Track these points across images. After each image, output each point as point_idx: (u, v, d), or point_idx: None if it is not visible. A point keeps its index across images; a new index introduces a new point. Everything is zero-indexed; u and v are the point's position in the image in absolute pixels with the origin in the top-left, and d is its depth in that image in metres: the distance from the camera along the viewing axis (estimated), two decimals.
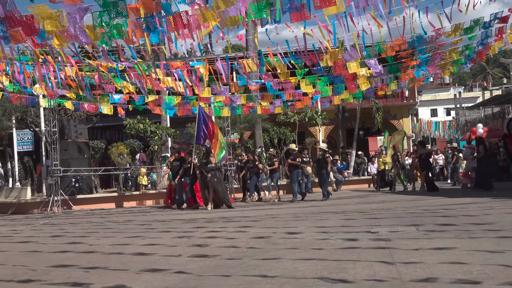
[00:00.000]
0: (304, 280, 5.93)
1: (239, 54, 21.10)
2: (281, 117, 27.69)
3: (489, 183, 19.65)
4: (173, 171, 19.56)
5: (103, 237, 11.32)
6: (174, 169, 19.36)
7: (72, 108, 20.26)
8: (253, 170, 20.76)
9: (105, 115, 23.05)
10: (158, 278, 6.50)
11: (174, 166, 19.45)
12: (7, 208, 20.24)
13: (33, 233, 13.06)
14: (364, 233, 9.52)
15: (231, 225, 12.26)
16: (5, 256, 9.26)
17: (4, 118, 23.23)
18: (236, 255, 7.80)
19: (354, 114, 33.51)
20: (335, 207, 15.73)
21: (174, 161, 19.59)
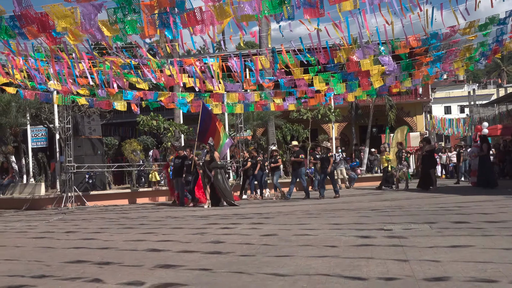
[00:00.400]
0: (317, 277, 5.92)
1: (252, 51, 21.07)
2: (294, 114, 27.64)
3: (493, 181, 19.57)
4: (174, 168, 19.42)
5: (116, 233, 11.36)
6: (176, 166, 19.20)
7: (87, 103, 20.30)
8: (255, 167, 20.67)
9: (119, 111, 23.12)
10: (171, 275, 6.52)
11: (176, 163, 19.30)
12: (21, 204, 20.37)
13: (48, 228, 13.13)
14: (377, 230, 9.50)
15: (244, 221, 12.27)
16: (20, 251, 9.32)
17: (18, 114, 23.34)
18: (249, 252, 7.81)
19: (367, 111, 33.40)
20: (348, 204, 15.69)
21: (176, 159, 19.39)
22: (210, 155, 18.01)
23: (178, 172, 18.99)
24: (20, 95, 19.92)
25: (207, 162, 18.01)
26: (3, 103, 22.53)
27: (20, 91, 17.94)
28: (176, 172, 19.14)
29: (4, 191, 22.51)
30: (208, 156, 18.23)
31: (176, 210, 16.86)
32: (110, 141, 29.15)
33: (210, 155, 18.04)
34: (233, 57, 16.64)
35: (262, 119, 27.99)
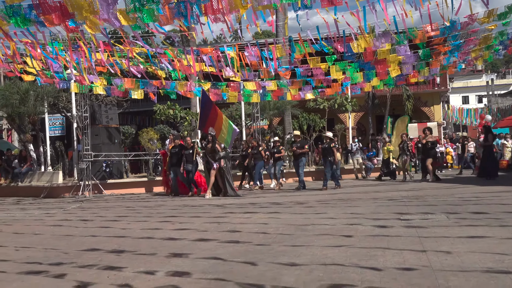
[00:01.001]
0: (333, 266, 5.92)
1: (269, 40, 21.02)
2: (311, 104, 27.57)
3: (495, 172, 19.46)
4: (171, 158, 19.00)
5: (133, 221, 11.42)
6: (173, 156, 18.85)
7: (104, 92, 20.38)
8: (257, 157, 20.43)
9: (136, 100, 23.23)
10: (187, 263, 6.54)
11: (172, 153, 18.91)
12: (39, 192, 20.55)
13: (65, 216, 13.23)
14: (394, 220, 9.47)
15: (261, 211, 12.28)
16: (38, 239, 9.40)
17: (37, 103, 23.50)
18: (265, 241, 7.81)
19: (384, 101, 33.26)
20: (364, 194, 15.65)
21: (173, 148, 18.98)
22: (212, 145, 17.68)
23: (175, 161, 18.70)
24: (38, 84, 20.04)
25: (208, 151, 17.73)
26: (22, 92, 22.71)
27: (38, 78, 18.03)
28: (173, 161, 18.79)
29: (22, 179, 22.70)
30: (210, 146, 17.85)
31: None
32: (127, 130, 29.28)
33: (211, 145, 17.69)
34: (250, 46, 16.61)
35: (278, 109, 27.97)
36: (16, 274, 6.36)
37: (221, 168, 17.39)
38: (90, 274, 6.15)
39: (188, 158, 18.47)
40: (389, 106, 32.86)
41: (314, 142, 28.52)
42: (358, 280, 5.24)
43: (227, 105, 29.64)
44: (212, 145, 17.69)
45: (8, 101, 23.05)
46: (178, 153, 18.64)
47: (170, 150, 19.07)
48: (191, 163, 18.48)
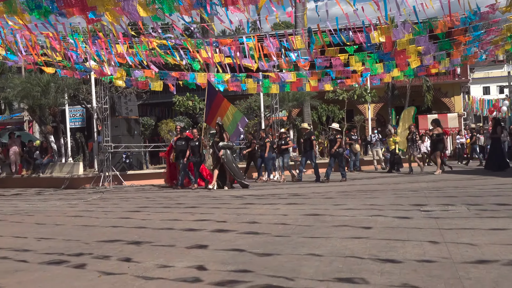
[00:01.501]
0: (353, 258, 5.91)
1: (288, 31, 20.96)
2: (330, 95, 27.50)
3: (504, 164, 19.29)
4: (177, 150, 18.84)
5: (153, 212, 11.48)
6: (179, 148, 18.67)
7: (123, 85, 20.47)
8: (263, 148, 20.26)
9: (155, 92, 23.29)
10: (207, 254, 6.56)
11: (178, 145, 18.74)
12: (60, 183, 20.75)
13: (86, 207, 13.34)
14: (413, 211, 9.43)
15: (280, 202, 12.29)
16: (59, 229, 9.49)
17: (57, 95, 23.67)
18: (284, 232, 7.82)
19: (403, 92, 33.09)
20: (384, 186, 15.60)
21: (179, 140, 18.81)
22: (219, 135, 17.52)
23: (181, 154, 18.57)
24: (58, 76, 20.18)
25: (216, 142, 17.54)
26: (43, 84, 22.89)
27: (59, 70, 18.16)
28: (179, 154, 18.67)
29: (43, 170, 22.93)
30: (217, 136, 17.75)
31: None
32: (146, 121, 29.43)
33: (219, 135, 17.55)
34: (269, 37, 16.57)
35: (297, 100, 27.91)
36: (38, 264, 6.43)
37: (227, 158, 17.22)
38: (111, 264, 6.19)
39: (195, 150, 18.29)
40: (408, 97, 32.67)
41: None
42: (378, 272, 5.23)
43: (246, 96, 29.64)
44: (219, 135, 17.56)
45: (29, 93, 23.26)
46: (185, 145, 18.47)
47: (176, 143, 18.94)
48: (197, 155, 18.32)
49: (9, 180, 24.22)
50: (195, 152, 18.26)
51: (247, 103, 28.97)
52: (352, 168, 24.08)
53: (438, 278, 4.91)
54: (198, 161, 18.43)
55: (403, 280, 4.89)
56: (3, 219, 11.49)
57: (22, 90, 23.68)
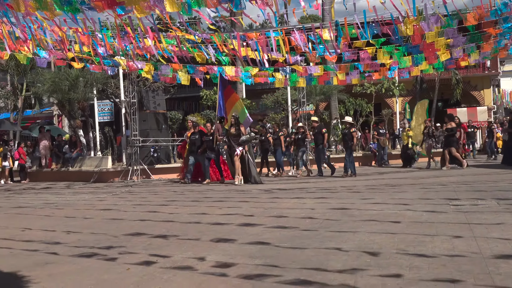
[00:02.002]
0: (381, 253, 5.88)
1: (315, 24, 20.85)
2: (357, 88, 27.35)
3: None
4: (190, 144, 18.51)
5: (181, 206, 11.55)
6: (192, 142, 18.36)
7: (151, 78, 20.54)
8: (277, 143, 20.00)
9: (183, 86, 23.36)
10: (234, 248, 6.58)
11: (192, 140, 18.40)
12: (89, 177, 20.96)
13: (115, 201, 13.46)
14: (442, 206, 9.34)
15: (307, 196, 12.27)
16: (88, 222, 9.59)
17: (86, 89, 23.89)
18: (312, 226, 7.81)
19: (432, 85, 32.76)
20: (412, 180, 15.48)
21: (192, 135, 18.48)
22: (236, 129, 17.17)
23: (194, 148, 18.29)
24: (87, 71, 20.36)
25: (231, 135, 17.19)
26: (72, 79, 23.10)
27: (88, 65, 18.33)
28: (192, 148, 18.38)
29: (72, 164, 23.19)
30: (233, 130, 17.29)
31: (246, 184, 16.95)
32: (174, 116, 29.59)
33: (236, 129, 17.18)
34: (296, 31, 16.50)
35: (324, 94, 27.80)
36: (68, 257, 6.51)
37: (249, 152, 17.02)
38: (139, 257, 6.24)
39: (208, 144, 18.05)
40: (437, 90, 32.35)
41: (361, 127, 28.33)
42: (406, 266, 5.20)
43: (273, 90, 29.62)
44: (236, 128, 17.19)
45: (59, 87, 23.50)
46: (199, 139, 18.19)
47: (190, 137, 18.66)
48: (211, 150, 18.10)
49: (39, 174, 24.55)
50: (210, 147, 18.05)
51: (274, 97, 28.94)
52: (380, 162, 23.94)
53: (468, 273, 4.86)
54: (212, 156, 18.15)
55: (432, 275, 4.85)
56: (33, 212, 11.64)
57: (51, 85, 23.93)
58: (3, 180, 24.20)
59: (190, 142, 18.48)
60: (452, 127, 19.93)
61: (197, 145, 18.17)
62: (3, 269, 6.01)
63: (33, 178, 24.30)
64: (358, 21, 15.62)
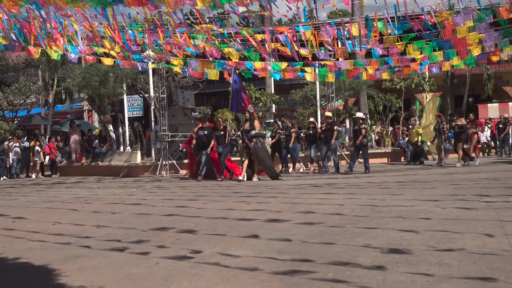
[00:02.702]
0: (410, 249, 5.83)
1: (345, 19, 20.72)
2: (387, 84, 27.14)
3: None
4: (198, 140, 17.96)
5: (209, 201, 11.57)
6: (200, 139, 17.76)
7: (180, 72, 20.59)
8: (288, 139, 19.70)
9: (211, 81, 23.41)
10: (263, 243, 6.58)
11: (200, 135, 17.80)
12: (118, 171, 21.12)
13: (144, 195, 13.55)
14: (473, 202, 9.23)
15: (336, 191, 12.22)
16: (118, 217, 9.67)
17: (116, 84, 24.09)
18: (340, 222, 7.77)
19: (463, 81, 32.39)
20: (442, 176, 15.32)
21: (200, 130, 17.88)
22: (250, 123, 16.79)
23: (203, 144, 17.71)
24: (117, 66, 20.51)
25: (246, 131, 16.80)
26: (101, 74, 23.32)
27: (118, 61, 18.47)
28: (201, 144, 17.81)
29: (102, 158, 23.43)
30: (247, 125, 16.93)
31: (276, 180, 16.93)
32: (202, 111, 29.69)
33: (250, 123, 16.81)
34: (326, 25, 16.42)
35: (354, 89, 27.65)
36: (98, 251, 6.56)
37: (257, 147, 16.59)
38: (168, 252, 6.27)
39: (220, 140, 17.54)
40: (468, 85, 31.97)
41: (390, 123, 28.13)
42: (436, 263, 5.14)
43: (302, 85, 29.55)
44: (250, 123, 16.85)
45: (89, 83, 23.74)
46: (208, 135, 17.66)
47: (197, 133, 18.08)
48: (222, 145, 17.56)
49: (69, 168, 24.82)
50: (221, 142, 17.55)
51: (303, 92, 28.87)
52: (409, 158, 23.73)
53: (499, 271, 4.79)
54: (224, 151, 17.66)
55: (462, 273, 4.79)
56: (64, 206, 11.77)
57: (81, 80, 24.19)
58: (34, 174, 24.55)
59: (198, 138, 17.94)
60: (462, 124, 19.74)
61: (203, 141, 17.64)
62: (35, 262, 6.09)
63: (63, 173, 24.59)
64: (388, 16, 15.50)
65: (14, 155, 24.64)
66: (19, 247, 7.00)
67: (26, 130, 35.03)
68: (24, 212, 11.05)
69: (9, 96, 32.52)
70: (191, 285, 4.84)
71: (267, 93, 26.06)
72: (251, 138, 16.51)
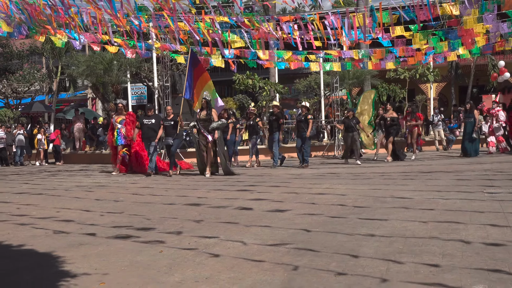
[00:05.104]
0: (413, 239, 5.83)
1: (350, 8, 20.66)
2: (391, 74, 27.06)
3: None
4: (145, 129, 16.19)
5: (212, 190, 11.57)
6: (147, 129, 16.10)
7: (184, 61, 20.56)
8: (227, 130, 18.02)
9: (215, 70, 23.39)
10: (266, 232, 6.59)
11: (146, 125, 16.10)
12: None
13: (147, 184, 13.57)
14: (476, 193, 9.22)
15: (339, 182, 12.21)
16: (121, 205, 9.68)
17: (120, 72, 24.08)
18: (343, 212, 7.78)
19: (467, 71, 32.28)
20: (445, 167, 15.30)
21: (146, 118, 16.26)
22: (207, 112, 15.32)
23: (149, 135, 15.99)
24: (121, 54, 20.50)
25: (202, 120, 15.30)
26: (106, 62, 23.31)
27: (122, 49, 18.46)
28: (147, 135, 16.07)
29: (106, 147, 23.42)
30: (204, 113, 15.43)
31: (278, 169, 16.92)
32: None
33: (207, 112, 15.34)
34: (331, 14, 16.37)
35: (358, 79, 27.57)
36: (102, 238, 6.59)
37: (220, 140, 15.40)
38: (172, 240, 6.29)
39: (169, 130, 15.85)
40: (473, 76, 31.87)
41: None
42: (440, 254, 5.15)
43: (306, 74, 29.49)
44: (206, 112, 15.40)
45: (93, 70, 23.74)
46: (155, 124, 16.06)
47: (142, 122, 16.30)
48: (172, 136, 15.87)
49: (73, 156, 24.87)
50: (170, 133, 15.87)
51: (306, 82, 28.82)
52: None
53: (502, 262, 4.80)
54: (175, 143, 16.01)
55: (465, 263, 4.80)
56: (68, 194, 11.80)
57: (86, 68, 24.20)
58: (38, 162, 24.60)
59: (144, 127, 16.15)
60: (394, 117, 19.07)
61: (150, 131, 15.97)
62: (39, 249, 6.12)
63: (67, 160, 24.64)
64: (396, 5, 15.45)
65: (18, 143, 24.71)
66: (24, 234, 7.03)
67: (30, 118, 35.10)
68: (28, 199, 11.09)
69: (13, 84, 32.55)
70: (194, 273, 4.86)
71: (271, 83, 25.99)
72: (213, 130, 15.09)
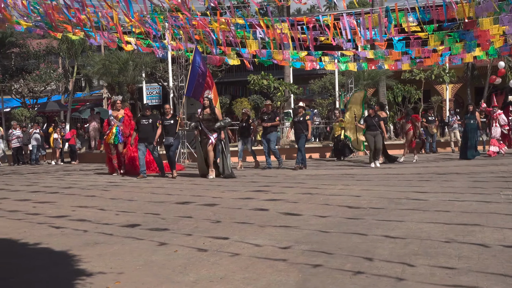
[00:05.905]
0: (429, 241, 5.80)
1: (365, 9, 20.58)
2: (406, 75, 26.95)
3: None
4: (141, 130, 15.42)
5: (227, 190, 11.59)
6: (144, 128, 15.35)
7: None
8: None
9: (230, 70, 23.40)
10: (281, 232, 6.59)
11: (143, 124, 15.37)
12: None
13: (162, 183, 13.61)
14: (493, 195, 9.16)
15: (354, 183, 12.18)
16: (136, 204, 9.72)
17: (135, 72, 24.18)
18: (358, 214, 7.75)
19: (484, 72, 32.04)
20: (461, 168, 15.20)
21: (143, 118, 15.45)
22: (211, 112, 14.77)
23: (146, 134, 15.27)
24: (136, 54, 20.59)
25: (205, 120, 14.79)
26: (121, 62, 23.40)
27: (139, 48, 18.52)
28: (144, 135, 15.32)
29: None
30: (206, 112, 14.88)
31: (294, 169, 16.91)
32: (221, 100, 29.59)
33: (210, 112, 14.77)
34: (345, 15, 16.33)
35: (373, 79, 27.47)
36: (117, 237, 6.62)
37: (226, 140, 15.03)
38: (187, 240, 6.30)
39: (169, 129, 15.16)
40: (489, 77, 31.65)
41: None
42: (455, 256, 5.13)
43: (321, 75, 29.43)
44: (210, 111, 14.85)
45: (108, 70, 23.84)
46: (152, 124, 15.33)
47: (139, 121, 15.61)
48: (172, 136, 15.19)
49: (88, 155, 24.97)
50: (171, 132, 15.20)
51: (321, 82, 28.75)
52: (428, 150, 23.62)
53: None
54: (175, 143, 15.54)
55: (482, 266, 4.77)
56: (83, 193, 11.86)
57: (101, 68, 24.31)
58: (54, 161, 24.75)
59: (141, 127, 15.41)
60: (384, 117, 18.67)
61: (147, 131, 15.25)
62: (55, 247, 6.15)
63: (82, 160, 24.75)
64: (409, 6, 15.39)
65: (34, 141, 24.89)
66: (40, 233, 7.08)
67: (46, 117, 35.31)
68: (44, 198, 11.16)
69: (29, 83, 32.78)
70: (209, 273, 4.87)
71: (286, 83, 25.94)
72: (218, 129, 14.71)
